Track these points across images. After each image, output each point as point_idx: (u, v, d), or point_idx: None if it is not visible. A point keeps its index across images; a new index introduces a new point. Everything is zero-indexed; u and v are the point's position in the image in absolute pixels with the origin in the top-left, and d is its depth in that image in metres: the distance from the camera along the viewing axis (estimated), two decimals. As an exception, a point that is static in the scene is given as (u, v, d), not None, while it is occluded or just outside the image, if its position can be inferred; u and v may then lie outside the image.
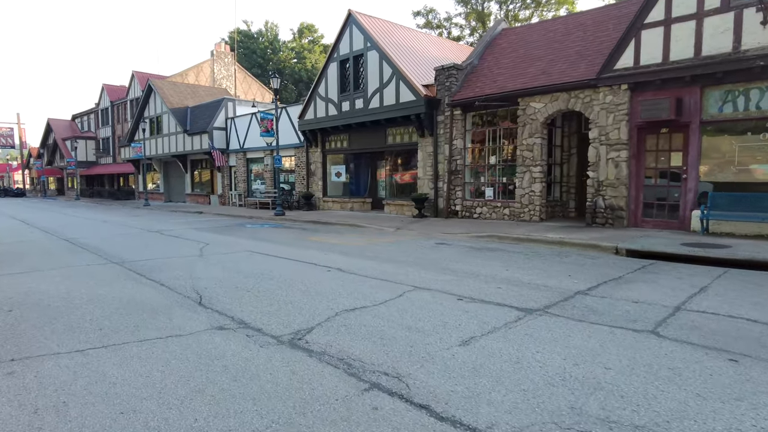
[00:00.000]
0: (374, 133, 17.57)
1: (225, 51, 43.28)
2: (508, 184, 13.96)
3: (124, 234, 12.43)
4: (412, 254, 8.35)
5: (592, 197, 11.88)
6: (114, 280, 6.26)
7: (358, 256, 8.22)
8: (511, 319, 4.32)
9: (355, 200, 18.92)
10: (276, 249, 9.15)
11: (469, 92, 14.46)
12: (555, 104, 12.49)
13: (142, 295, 5.40)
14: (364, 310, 4.64)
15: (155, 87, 30.50)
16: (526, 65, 13.97)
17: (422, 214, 15.36)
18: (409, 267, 7.04)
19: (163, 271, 6.89)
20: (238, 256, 8.21)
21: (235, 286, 5.82)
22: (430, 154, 15.53)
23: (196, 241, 10.49)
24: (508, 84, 13.65)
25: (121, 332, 4.05)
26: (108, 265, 7.48)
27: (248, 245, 9.78)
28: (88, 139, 48.77)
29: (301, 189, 21.28)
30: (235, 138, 25.75)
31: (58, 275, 6.68)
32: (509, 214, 13.60)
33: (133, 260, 7.93)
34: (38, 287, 5.87)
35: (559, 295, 5.27)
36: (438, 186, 15.30)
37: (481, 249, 8.98)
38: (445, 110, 14.92)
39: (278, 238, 11.08)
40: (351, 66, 17.55)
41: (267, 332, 3.99)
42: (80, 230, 13.60)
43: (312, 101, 19.39)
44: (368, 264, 7.32)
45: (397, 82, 15.74)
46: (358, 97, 17.29)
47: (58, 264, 7.67)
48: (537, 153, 12.91)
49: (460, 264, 7.27)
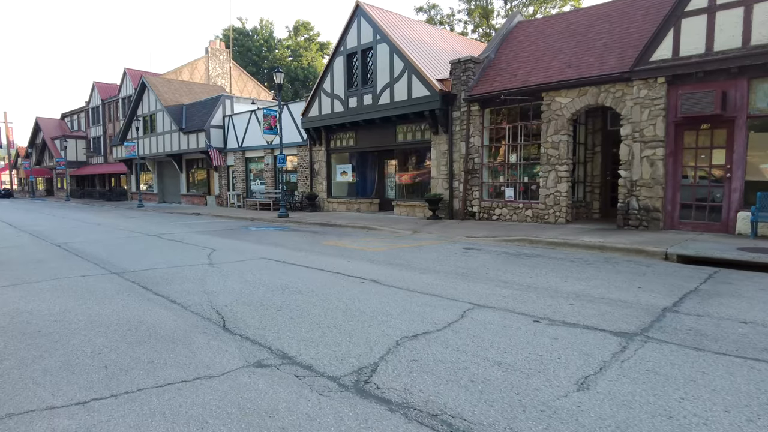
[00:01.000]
0: (383, 130, 16.73)
1: (220, 48, 42.20)
2: (530, 184, 13.19)
3: (120, 238, 11.48)
4: (445, 261, 7.53)
5: (624, 198, 11.14)
6: (116, 296, 5.36)
7: (386, 263, 7.38)
8: (615, 349, 3.51)
9: (361, 201, 18.06)
10: (292, 255, 8.28)
11: (487, 86, 13.68)
12: (583, 99, 11.74)
13: (152, 316, 4.53)
14: (429, 337, 3.81)
15: (149, 84, 29.40)
16: (548, 58, 13.21)
17: (436, 215, 14.55)
18: (452, 278, 6.21)
19: (171, 283, 6.01)
20: (253, 265, 7.34)
21: (260, 302, 4.96)
22: (444, 152, 14.72)
23: (201, 247, 9.58)
24: (530, 78, 12.88)
25: (132, 371, 3.18)
26: (107, 276, 6.58)
27: (260, 251, 8.90)
28: (78, 138, 47.39)
29: (304, 189, 20.38)
30: (233, 136, 24.77)
31: (50, 289, 5.77)
32: (532, 215, 12.82)
33: (135, 270, 7.03)
34: (26, 306, 4.96)
35: (646, 313, 4.47)
36: (453, 186, 14.50)
37: (519, 255, 8.18)
38: (461, 106, 14.12)
39: (290, 243, 10.21)
40: (359, 60, 16.70)
41: (320, 371, 3.14)
42: (72, 234, 12.61)
43: (316, 97, 18.50)
44: (403, 274, 6.49)
45: (410, 76, 14.92)
46: (367, 92, 16.44)
47: (49, 275, 6.75)
48: (563, 151, 12.15)
49: (507, 274, 6.46)
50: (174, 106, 28.55)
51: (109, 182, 43.80)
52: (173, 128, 27.74)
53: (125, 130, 32.68)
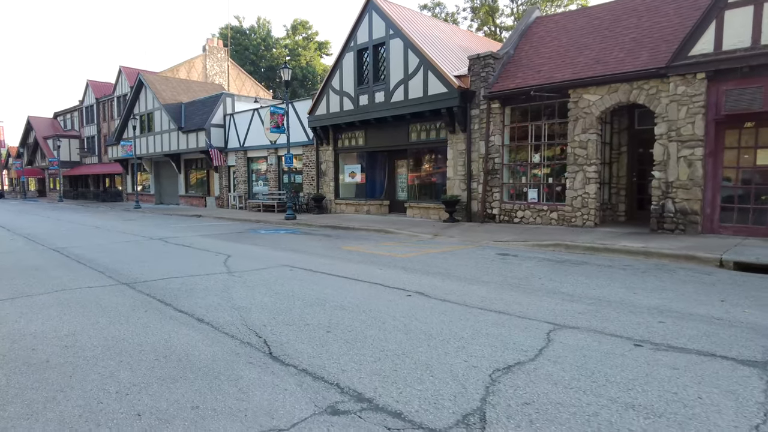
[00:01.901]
0: (395, 129, 16.08)
1: (218, 46, 41.37)
2: (555, 185, 12.59)
3: (122, 242, 10.74)
4: (486, 270, 6.89)
5: (658, 200, 10.57)
6: (131, 313, 4.66)
7: (422, 272, 6.72)
8: (763, 385, 2.88)
9: (371, 202, 17.39)
10: (316, 263, 7.60)
11: (509, 83, 13.07)
12: (613, 96, 11.16)
13: (181, 339, 3.84)
14: (525, 369, 3.16)
15: (146, 81, 28.56)
16: (573, 54, 12.64)
17: (453, 218, 13.91)
18: (507, 290, 5.57)
19: (191, 296, 5.31)
20: (277, 274, 6.65)
21: (302, 321, 4.29)
22: (461, 151, 14.09)
23: (213, 252, 8.87)
24: (555, 74, 12.29)
25: (174, 422, 2.50)
26: (116, 288, 5.86)
27: (279, 257, 8.21)
28: (72, 137, 46.31)
29: (309, 190, 19.67)
30: (234, 136, 24.01)
31: (54, 304, 5.05)
32: (557, 218, 12.23)
33: (147, 279, 6.32)
34: (28, 326, 4.25)
35: (757, 333, 3.85)
36: (471, 187, 13.87)
37: (562, 262, 7.56)
38: (480, 103, 13.51)
39: (307, 248, 9.52)
40: (370, 56, 16.05)
41: (415, 420, 2.48)
42: (71, 237, 11.84)
43: (324, 95, 17.82)
44: (449, 285, 5.83)
45: (425, 72, 14.28)
46: (379, 89, 15.79)
47: (50, 285, 6.02)
48: (592, 150, 11.57)
49: (565, 285, 5.82)
50: (172, 104, 27.73)
51: (104, 183, 42.79)
52: (171, 127, 26.93)
53: (121, 129, 31.78)
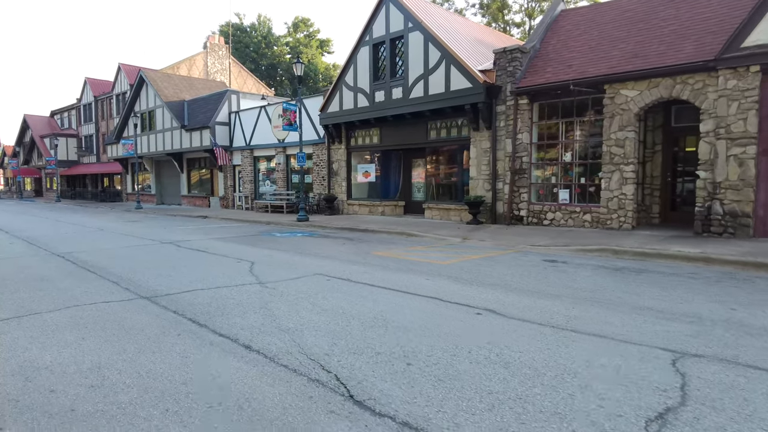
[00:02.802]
0: (412, 126, 15.39)
1: (219, 43, 40.58)
2: (588, 185, 11.94)
3: (131, 246, 10.00)
4: (544, 280, 6.21)
5: (703, 202, 9.92)
6: (162, 337, 3.95)
7: (476, 282, 6.04)
8: None
9: (386, 203, 16.69)
10: (351, 270, 6.90)
11: (537, 78, 12.40)
12: (654, 92, 10.51)
13: (232, 375, 3.13)
14: (683, 418, 2.47)
15: (147, 78, 27.75)
16: (607, 47, 11.98)
17: (477, 220, 13.23)
18: (582, 305, 4.88)
19: (227, 314, 4.60)
20: (314, 284, 5.95)
21: (370, 348, 3.59)
22: (486, 150, 13.42)
23: (234, 259, 8.15)
24: (588, 68, 11.63)
25: None
26: (137, 303, 5.15)
27: (308, 264, 7.50)
28: (69, 136, 45.37)
29: (320, 191, 18.95)
30: (240, 134, 23.25)
31: (68, 324, 4.33)
32: (591, 220, 11.57)
33: (169, 292, 5.60)
34: (42, 356, 3.53)
35: None
36: (497, 187, 13.19)
37: (619, 270, 6.88)
38: (507, 99, 12.83)
39: (334, 253, 8.81)
40: (387, 50, 15.34)
41: None
42: (74, 241, 11.09)
43: (337, 91, 17.10)
44: (516, 300, 5.15)
45: (447, 67, 13.59)
46: (396, 85, 15.09)
47: (61, 300, 5.29)
48: (629, 149, 10.91)
49: (644, 298, 5.14)
50: (174, 102, 26.94)
51: (102, 183, 41.89)
52: (174, 125, 26.14)
53: (121, 128, 30.96)
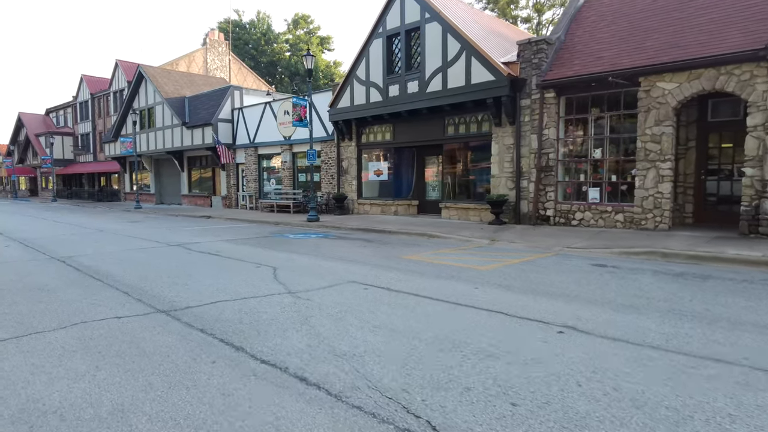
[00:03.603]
0: (428, 122, 14.72)
1: (219, 40, 39.78)
2: (620, 183, 11.31)
3: (136, 249, 9.28)
4: (606, 287, 5.55)
5: (750, 200, 9.31)
6: (194, 365, 3.26)
7: (532, 291, 5.37)
8: None
9: (399, 203, 16.02)
10: (386, 277, 6.22)
11: (565, 70, 11.75)
12: (694, 84, 9.88)
13: (293, 422, 2.45)
14: None
15: (147, 74, 26.94)
16: (640, 38, 11.34)
17: (500, 220, 12.58)
18: (670, 320, 4.22)
19: (264, 333, 3.92)
20: (352, 294, 5.27)
21: (454, 380, 2.90)
22: (509, 146, 12.76)
23: (252, 263, 7.46)
24: (621, 60, 10.99)
25: None
26: (155, 318, 4.45)
27: (336, 270, 6.81)
28: (65, 135, 44.46)
29: (328, 189, 18.26)
30: (243, 131, 22.51)
31: (78, 348, 3.63)
32: (623, 220, 10.93)
33: (190, 304, 4.91)
34: (49, 395, 2.83)
35: None
36: (521, 185, 12.53)
37: (681, 275, 6.23)
38: (532, 93, 12.17)
39: (359, 257, 8.13)
40: (402, 42, 14.65)
41: None
42: (74, 243, 10.36)
43: (347, 86, 16.41)
44: (589, 313, 4.49)
45: (468, 59, 12.93)
46: (412, 78, 14.41)
47: (66, 314, 4.59)
48: (666, 145, 10.28)
49: (733, 310, 4.48)
50: (175, 98, 26.15)
51: (99, 182, 41.02)
52: (174, 122, 25.36)
53: (119, 125, 30.15)
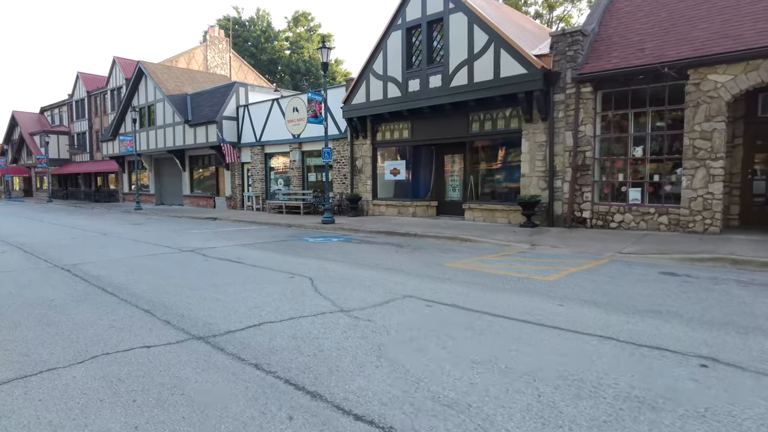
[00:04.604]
0: (450, 118, 13.95)
1: (219, 36, 38.87)
2: (663, 183, 10.59)
3: (147, 255, 8.45)
4: (705, 302, 4.79)
5: (814, 202, 8.61)
6: (266, 425, 2.45)
7: (621, 309, 4.60)
8: None
9: (417, 203, 15.25)
10: (441, 290, 5.43)
11: (604, 63, 11.02)
12: (752, 76, 9.16)
13: None
14: None
15: (147, 71, 26.03)
16: (685, 29, 10.63)
17: (531, 222, 11.83)
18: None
19: (336, 370, 3.12)
20: (415, 313, 4.48)
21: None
22: (541, 144, 12.01)
23: (284, 273, 6.65)
24: (667, 52, 10.27)
25: None
26: (193, 347, 3.64)
27: (380, 281, 6.02)
28: (61, 134, 43.36)
29: (341, 190, 17.45)
30: (249, 129, 21.66)
31: (104, 395, 2.83)
32: (668, 223, 10.21)
33: (230, 328, 4.10)
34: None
35: None
36: (554, 186, 11.79)
37: (780, 288, 5.50)
38: (567, 87, 11.43)
39: (397, 264, 7.34)
40: (423, 34, 13.87)
41: None
42: (78, 249, 9.51)
43: (363, 81, 15.61)
44: (718, 339, 3.72)
45: (497, 51, 12.17)
46: (434, 72, 13.63)
47: (82, 343, 3.78)
48: (718, 142, 9.57)
49: None
50: (176, 95, 25.26)
51: (96, 182, 39.99)
52: (176, 120, 24.47)
53: (118, 123, 29.20)
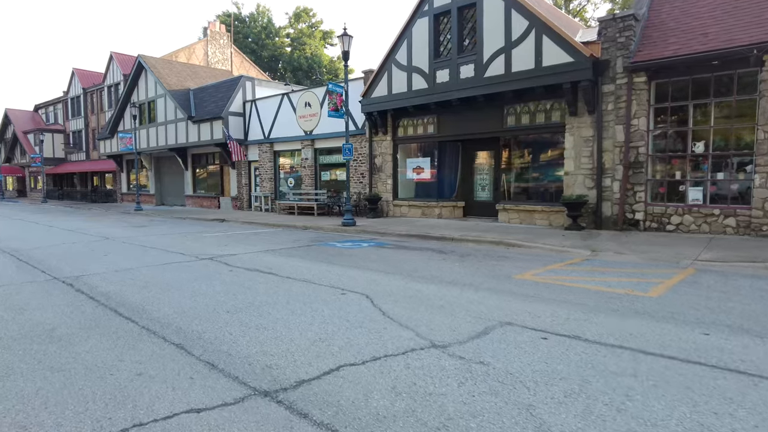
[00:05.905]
0: (482, 112, 12.92)
1: (220, 31, 37.67)
2: (729, 182, 9.60)
3: (161, 265, 7.36)
4: None
5: None
6: None
7: (794, 341, 3.59)
8: None
9: (444, 204, 14.21)
10: (542, 314, 4.39)
11: (661, 50, 10.01)
12: (838, 60, 8.20)
13: None
14: None
15: (147, 65, 24.86)
16: (754, 11, 9.63)
17: (578, 224, 10.82)
18: None
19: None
20: (534, 348, 3.43)
21: None
22: (587, 139, 11.00)
23: (332, 288, 5.59)
24: (736, 36, 9.26)
25: None
26: (260, 412, 2.57)
27: (455, 300, 4.96)
28: (55, 132, 42.02)
29: (357, 189, 16.40)
30: (257, 126, 20.55)
31: None
32: (736, 225, 9.22)
33: (300, 377, 3.04)
34: None
35: None
36: (603, 184, 10.78)
37: None
38: (617, 77, 10.42)
39: (456, 276, 6.29)
40: (453, 20, 12.81)
41: None
42: (80, 256, 8.40)
43: (384, 72, 14.55)
44: None
45: (538, 38, 11.14)
46: (466, 62, 12.59)
47: (101, 406, 2.71)
48: (798, 135, 8.60)
49: None
50: (179, 90, 24.12)
51: (92, 182, 38.71)
52: (179, 117, 23.32)
53: (116, 120, 28.00)
